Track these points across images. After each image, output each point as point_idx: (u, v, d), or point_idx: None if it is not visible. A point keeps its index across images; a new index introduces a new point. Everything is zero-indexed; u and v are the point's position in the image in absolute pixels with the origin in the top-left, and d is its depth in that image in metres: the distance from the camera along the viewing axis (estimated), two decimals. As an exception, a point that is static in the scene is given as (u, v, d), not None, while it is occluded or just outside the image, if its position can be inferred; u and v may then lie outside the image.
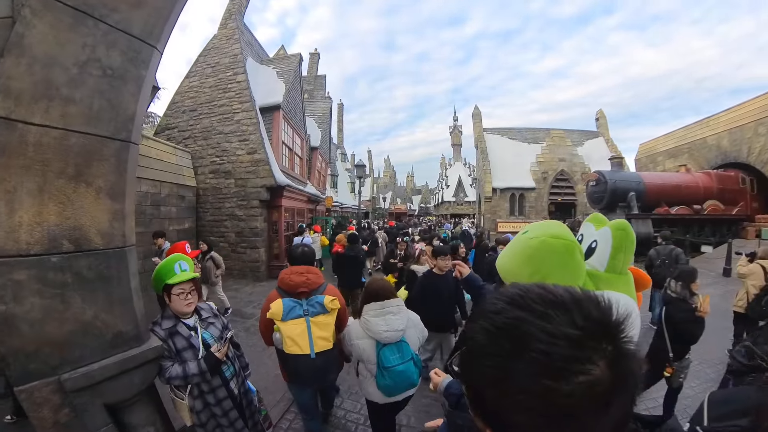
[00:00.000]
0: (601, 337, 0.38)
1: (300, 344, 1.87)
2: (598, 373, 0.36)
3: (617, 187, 11.95)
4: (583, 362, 0.36)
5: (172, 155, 8.53)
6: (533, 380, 0.36)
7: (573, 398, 0.35)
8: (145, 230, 7.41)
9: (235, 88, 9.11)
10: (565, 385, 0.35)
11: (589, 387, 0.35)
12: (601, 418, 0.36)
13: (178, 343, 1.82)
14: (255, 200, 7.75)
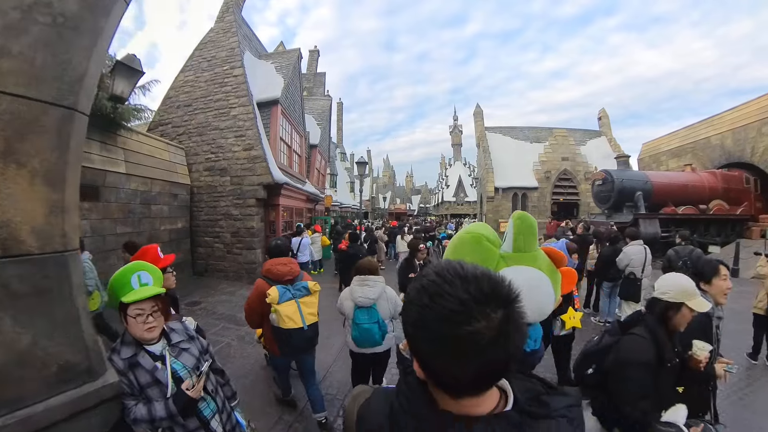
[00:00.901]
0: (488, 303, 0.52)
1: (295, 320, 2.31)
2: (479, 326, 0.50)
3: (624, 186, 11.67)
4: (468, 318, 0.51)
5: (165, 151, 8.14)
6: (436, 324, 0.53)
7: (459, 340, 0.51)
8: (134, 230, 7.04)
9: (231, 83, 8.74)
10: (454, 331, 0.51)
11: (470, 335, 0.50)
12: (480, 357, 0.52)
13: (140, 377, 1.41)
14: (251, 199, 7.37)
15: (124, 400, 1.38)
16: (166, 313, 1.57)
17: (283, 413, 2.88)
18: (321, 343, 2.71)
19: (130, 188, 6.97)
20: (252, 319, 2.56)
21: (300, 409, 2.93)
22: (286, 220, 8.68)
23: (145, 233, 7.30)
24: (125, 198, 6.86)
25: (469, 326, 0.50)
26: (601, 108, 25.35)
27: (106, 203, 6.44)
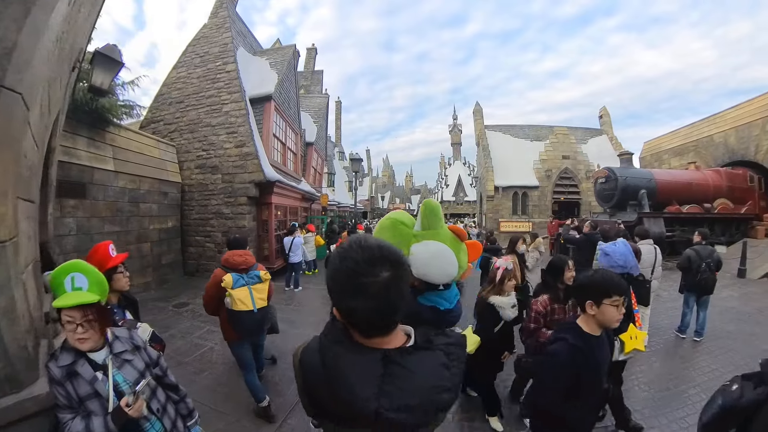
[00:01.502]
0: (376, 265, 0.75)
1: (246, 303, 2.54)
2: (369, 280, 0.73)
3: (628, 184, 11.40)
4: (362, 274, 0.74)
5: (155, 149, 7.93)
6: (342, 277, 0.77)
7: (357, 288, 0.74)
8: (122, 229, 6.83)
9: (224, 78, 8.53)
10: (353, 281, 0.75)
11: (364, 285, 0.74)
12: (373, 301, 0.74)
13: (79, 388, 1.26)
14: (243, 197, 7.14)
15: (59, 413, 1.22)
16: (104, 323, 1.35)
17: (260, 427, 2.65)
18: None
19: (119, 186, 6.77)
20: (209, 303, 2.78)
21: (279, 424, 2.71)
22: (280, 219, 8.44)
23: (133, 232, 7.10)
24: (113, 196, 6.66)
25: (363, 279, 0.74)
26: (602, 106, 25.08)
27: (93, 201, 6.24)
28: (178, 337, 4.65)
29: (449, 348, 0.84)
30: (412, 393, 0.75)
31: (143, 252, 7.35)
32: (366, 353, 0.79)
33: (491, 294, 2.60)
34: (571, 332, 1.52)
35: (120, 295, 1.99)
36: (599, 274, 1.56)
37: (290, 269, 6.94)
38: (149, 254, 7.45)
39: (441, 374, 0.80)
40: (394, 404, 0.73)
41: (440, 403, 0.79)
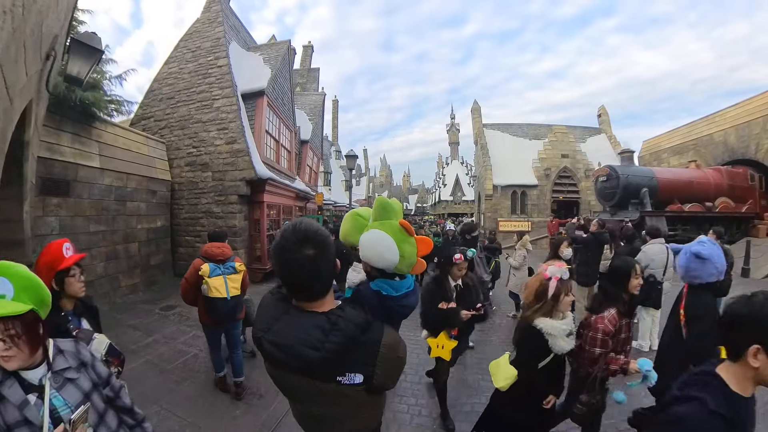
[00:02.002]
0: (304, 243, 0.94)
1: (221, 291, 2.75)
2: (296, 255, 0.93)
3: (630, 182, 11.25)
4: (291, 250, 0.94)
5: (144, 145, 7.67)
6: (278, 252, 0.97)
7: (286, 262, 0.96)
8: (108, 229, 6.57)
9: (215, 73, 8.28)
10: (284, 256, 0.95)
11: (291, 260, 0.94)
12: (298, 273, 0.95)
13: (6, 414, 1.02)
14: (233, 195, 6.88)
15: None
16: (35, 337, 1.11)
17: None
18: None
19: (105, 184, 6.52)
20: (187, 291, 2.96)
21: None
22: (273, 219, 8.19)
23: (120, 232, 6.84)
24: (99, 194, 6.40)
25: (291, 255, 0.95)
26: (600, 105, 24.96)
27: (77, 199, 5.99)
28: (161, 343, 4.41)
29: (336, 319, 0.97)
30: (285, 336, 0.97)
31: (131, 252, 7.10)
32: (282, 303, 1.06)
33: (539, 314, 1.88)
34: (711, 390, 1.00)
35: (77, 301, 1.74)
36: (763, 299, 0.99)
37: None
38: (137, 255, 7.19)
39: (312, 333, 0.95)
40: (270, 338, 0.99)
41: (303, 354, 0.94)
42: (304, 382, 1.01)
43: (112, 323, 5.15)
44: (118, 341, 4.42)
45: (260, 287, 6.87)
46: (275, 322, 1.01)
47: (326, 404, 1.06)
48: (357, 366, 0.99)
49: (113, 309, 6.03)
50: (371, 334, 1.01)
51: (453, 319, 2.48)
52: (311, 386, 1.01)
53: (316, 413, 1.11)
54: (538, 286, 1.95)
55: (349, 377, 0.98)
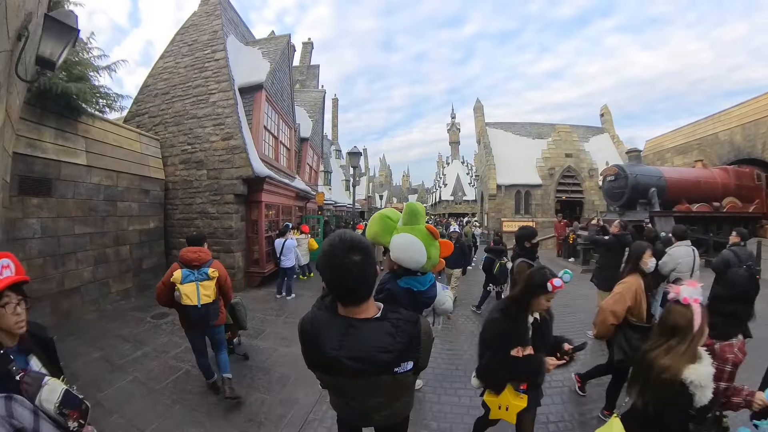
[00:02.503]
0: (351, 251, 1.07)
1: (192, 298, 2.77)
2: (345, 261, 1.05)
3: (638, 182, 10.94)
4: (340, 257, 1.07)
5: (136, 142, 7.27)
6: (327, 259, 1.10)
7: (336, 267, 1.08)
8: (97, 231, 6.18)
9: (212, 67, 7.89)
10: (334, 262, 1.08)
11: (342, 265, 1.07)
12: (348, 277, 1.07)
13: None
14: (229, 194, 6.48)
15: None
16: None
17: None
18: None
19: (92, 182, 6.13)
20: (161, 295, 2.90)
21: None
22: (272, 219, 7.79)
23: (110, 234, 6.44)
24: (86, 193, 6.01)
25: (339, 260, 1.07)
26: (603, 104, 24.71)
27: (61, 199, 5.59)
28: (151, 357, 4.03)
29: (398, 322, 1.16)
30: (360, 348, 1.11)
31: (122, 256, 6.70)
32: (337, 318, 1.18)
33: (684, 361, 1.31)
34: None
35: (26, 334, 1.33)
36: None
37: (282, 274, 6.28)
38: (129, 258, 6.80)
39: (384, 339, 1.12)
40: (348, 354, 1.11)
41: (380, 359, 1.11)
42: (363, 381, 1.16)
43: (99, 334, 4.79)
44: (105, 355, 4.02)
45: (258, 292, 6.49)
46: (344, 338, 1.12)
47: (379, 394, 1.24)
48: (410, 355, 1.17)
49: (102, 317, 5.67)
50: (418, 328, 1.19)
51: (537, 369, 1.76)
52: (368, 382, 1.17)
53: (365, 404, 1.28)
54: (674, 316, 1.36)
55: (403, 366, 1.15)
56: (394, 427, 1.45)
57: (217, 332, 3.09)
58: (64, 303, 5.54)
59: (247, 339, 4.19)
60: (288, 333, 4.53)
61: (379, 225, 1.59)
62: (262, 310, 5.53)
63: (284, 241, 6.08)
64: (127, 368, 3.82)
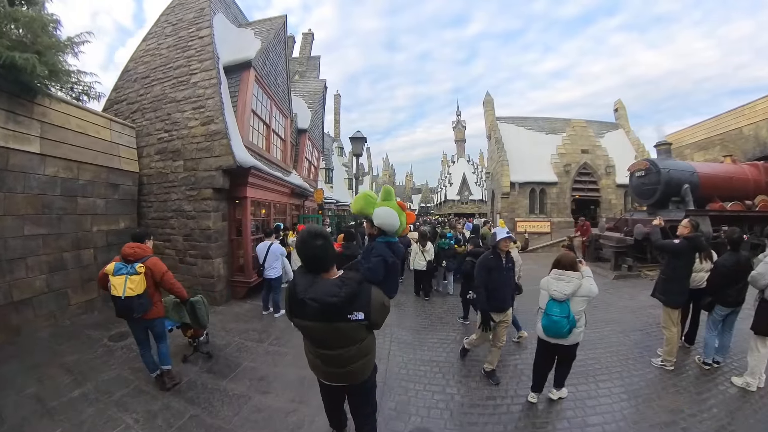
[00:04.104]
0: (316, 237, 1.70)
1: (118, 290, 2.94)
2: (312, 243, 1.67)
3: (671, 177, 9.85)
4: (307, 241, 1.69)
5: (105, 129, 6.28)
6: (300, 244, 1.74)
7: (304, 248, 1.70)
8: (52, 232, 5.21)
9: (196, 45, 6.91)
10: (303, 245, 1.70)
11: (309, 248, 1.68)
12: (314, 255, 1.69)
13: None
14: (207, 189, 5.43)
15: None
16: None
17: None
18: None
19: (47, 174, 5.18)
20: (100, 281, 3.08)
21: None
22: (262, 219, 6.75)
23: (68, 236, 5.47)
24: (38, 187, 5.06)
25: (307, 244, 1.65)
26: (617, 99, 23.60)
27: (8, 194, 4.69)
28: (90, 400, 3.02)
29: (345, 279, 1.65)
30: (317, 291, 1.59)
31: (84, 261, 5.71)
32: (310, 276, 1.67)
33: None
34: None
35: None
36: None
37: (267, 287, 5.19)
38: (92, 264, 5.80)
39: (333, 289, 1.60)
40: (310, 296, 1.59)
41: (328, 300, 1.58)
42: (326, 326, 1.66)
43: (45, 358, 3.90)
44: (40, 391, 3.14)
45: (242, 306, 5.45)
46: (310, 286, 1.62)
47: (337, 343, 1.73)
48: (359, 307, 1.66)
49: (56, 335, 4.73)
50: (365, 288, 1.72)
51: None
52: (331, 328, 1.67)
53: (337, 355, 1.75)
54: None
55: (355, 315, 1.65)
56: (360, 390, 1.97)
57: (154, 325, 3.21)
58: (13, 317, 4.65)
59: (214, 379, 3.18)
60: (269, 370, 3.47)
61: (364, 201, 2.18)
62: (242, 332, 4.52)
63: (269, 245, 4.90)
64: (56, 415, 2.86)
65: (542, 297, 2.87)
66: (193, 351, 3.88)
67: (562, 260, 2.85)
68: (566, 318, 2.65)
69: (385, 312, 1.80)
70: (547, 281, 2.85)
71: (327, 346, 1.74)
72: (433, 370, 3.55)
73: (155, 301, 3.16)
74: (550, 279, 2.84)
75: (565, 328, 2.65)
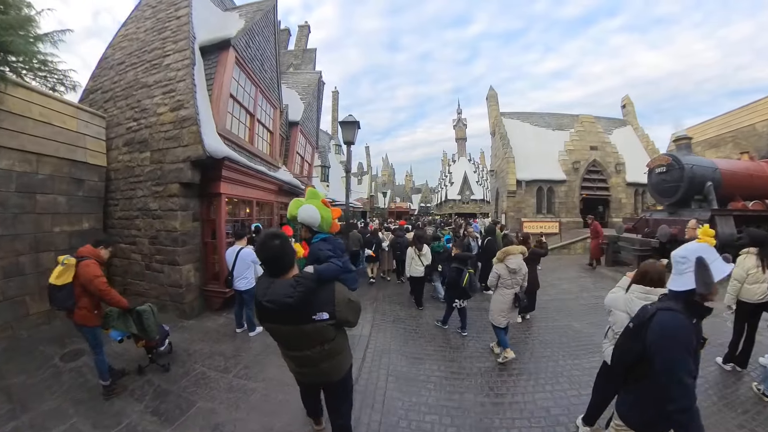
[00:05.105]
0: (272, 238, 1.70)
1: (52, 278, 3.01)
2: (269, 245, 1.67)
3: (695, 174, 9.12)
4: (263, 244, 1.69)
5: (71, 119, 5.61)
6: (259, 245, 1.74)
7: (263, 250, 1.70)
8: (5, 233, 4.60)
9: (172, 26, 6.21)
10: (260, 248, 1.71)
11: (267, 249, 1.68)
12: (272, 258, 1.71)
13: None
14: (174, 184, 4.72)
15: None
16: None
17: None
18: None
19: (1, 168, 4.53)
20: None
21: None
22: (240, 220, 6.00)
23: (25, 237, 4.84)
24: (-10, 182, 4.39)
25: (265, 245, 1.66)
26: (624, 95, 22.84)
27: (-49, 190, 3.99)
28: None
29: (299, 279, 1.64)
30: (273, 294, 1.60)
31: (43, 266, 5.05)
32: (268, 279, 1.69)
33: None
34: None
35: None
36: None
37: (238, 300, 4.37)
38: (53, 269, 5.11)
39: (287, 290, 1.59)
40: (267, 299, 1.61)
41: (284, 302, 1.58)
42: (292, 328, 1.69)
43: None
44: None
45: (215, 320, 4.71)
46: (267, 289, 1.64)
47: (306, 344, 1.74)
48: (322, 307, 1.68)
49: (7, 351, 4.21)
50: (328, 287, 1.75)
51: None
52: (297, 330, 1.69)
53: (306, 356, 1.77)
54: None
55: (319, 315, 1.66)
56: (335, 389, 1.99)
57: (86, 332, 3.10)
58: (-37, 328, 3.98)
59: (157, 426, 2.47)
60: (228, 415, 2.68)
61: (295, 204, 2.28)
62: (207, 356, 3.72)
63: (237, 251, 4.07)
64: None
65: (618, 318, 2.21)
66: (150, 362, 3.52)
67: (649, 272, 2.14)
68: None
69: (353, 308, 1.83)
70: (629, 302, 2.16)
71: (295, 348, 1.78)
72: (443, 421, 2.72)
73: (81, 306, 3.01)
74: (633, 299, 2.15)
75: None
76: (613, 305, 2.31)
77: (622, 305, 2.22)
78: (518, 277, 3.83)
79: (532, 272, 4.84)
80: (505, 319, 3.81)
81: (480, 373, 3.53)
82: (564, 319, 5.07)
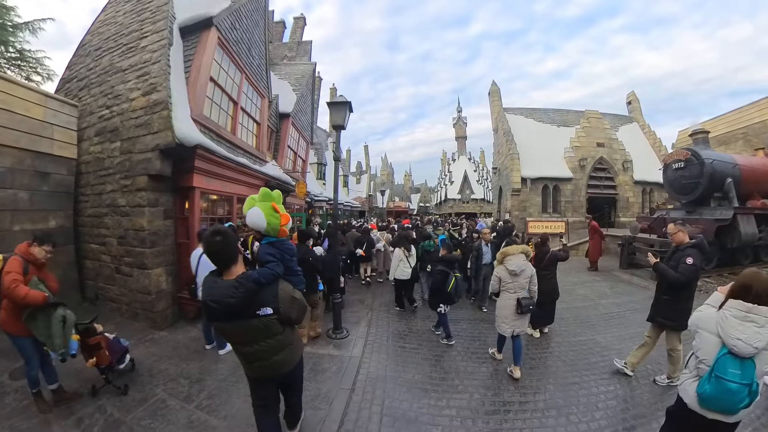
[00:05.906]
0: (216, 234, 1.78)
1: None
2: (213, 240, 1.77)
3: (715, 170, 8.58)
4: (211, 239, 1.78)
5: (37, 106, 5.08)
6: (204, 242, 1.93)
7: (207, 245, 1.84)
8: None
9: (152, 7, 5.69)
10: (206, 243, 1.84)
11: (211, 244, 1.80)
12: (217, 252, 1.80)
13: None
14: (142, 176, 4.16)
15: None
16: None
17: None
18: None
19: (-56, 159, 3.99)
20: None
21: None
22: (218, 218, 5.48)
23: (-23, 237, 4.27)
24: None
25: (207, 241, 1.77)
26: (630, 91, 22.31)
27: None
28: None
29: (241, 279, 1.71)
30: (216, 294, 1.69)
31: (1, 269, 4.47)
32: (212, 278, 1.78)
33: None
34: None
35: None
36: None
37: (204, 311, 3.61)
38: (12, 272, 4.57)
39: (229, 290, 1.68)
40: (210, 297, 1.70)
41: (228, 303, 1.67)
42: (238, 324, 1.77)
43: None
44: None
45: (186, 333, 4.09)
46: (211, 288, 1.72)
47: (258, 338, 1.82)
48: (266, 303, 1.79)
49: None
50: (273, 285, 1.87)
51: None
52: (244, 325, 1.78)
53: (256, 351, 1.85)
54: None
55: (264, 310, 1.77)
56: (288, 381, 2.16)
57: (14, 341, 2.80)
58: None
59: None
60: None
61: (248, 203, 2.25)
62: (171, 378, 3.22)
63: (200, 255, 3.46)
64: None
65: (705, 343, 1.73)
66: (105, 383, 3.01)
67: (754, 285, 1.64)
68: (748, 386, 1.58)
69: (298, 305, 1.95)
70: (722, 321, 1.67)
71: (245, 343, 1.85)
72: None
73: (2, 307, 2.70)
74: (728, 317, 1.66)
75: (745, 401, 1.59)
76: (702, 326, 1.81)
77: (713, 326, 1.72)
78: (521, 280, 3.42)
79: (551, 278, 4.34)
80: (509, 327, 3.41)
81: (500, 410, 2.90)
82: (586, 332, 4.54)
